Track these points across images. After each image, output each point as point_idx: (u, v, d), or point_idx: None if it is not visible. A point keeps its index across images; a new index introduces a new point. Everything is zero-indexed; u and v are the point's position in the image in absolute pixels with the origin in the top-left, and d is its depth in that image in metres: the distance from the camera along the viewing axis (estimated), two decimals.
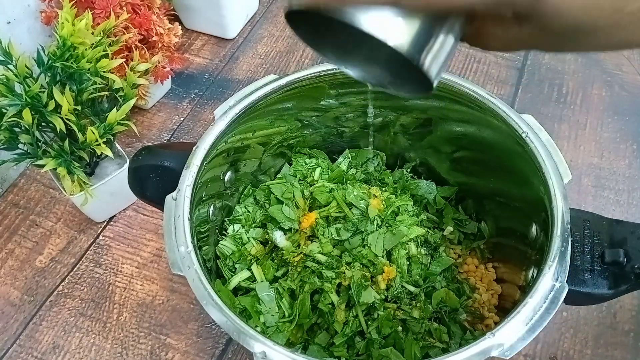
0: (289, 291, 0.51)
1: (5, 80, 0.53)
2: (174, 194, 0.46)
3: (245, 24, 0.91)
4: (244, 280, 0.53)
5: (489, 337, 0.37)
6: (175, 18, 0.83)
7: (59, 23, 0.56)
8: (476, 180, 0.58)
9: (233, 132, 0.51)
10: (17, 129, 0.56)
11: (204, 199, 0.50)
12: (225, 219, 0.57)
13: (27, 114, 0.53)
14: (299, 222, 0.53)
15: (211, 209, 0.53)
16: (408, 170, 0.62)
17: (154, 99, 0.80)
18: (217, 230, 0.55)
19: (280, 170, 0.61)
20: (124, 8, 0.66)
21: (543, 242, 0.44)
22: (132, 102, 0.60)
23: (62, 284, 0.63)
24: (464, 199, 0.61)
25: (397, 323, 0.49)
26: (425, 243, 0.55)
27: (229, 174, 0.55)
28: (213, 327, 0.60)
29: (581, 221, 0.44)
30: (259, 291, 0.51)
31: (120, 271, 0.64)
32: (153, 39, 0.70)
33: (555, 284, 0.39)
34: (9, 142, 0.56)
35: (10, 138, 0.56)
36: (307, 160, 0.60)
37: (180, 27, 0.75)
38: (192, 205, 0.45)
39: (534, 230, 0.48)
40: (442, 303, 0.51)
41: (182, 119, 0.78)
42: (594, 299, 0.42)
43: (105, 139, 0.58)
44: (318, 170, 0.59)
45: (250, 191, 0.59)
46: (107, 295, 0.62)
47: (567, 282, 0.40)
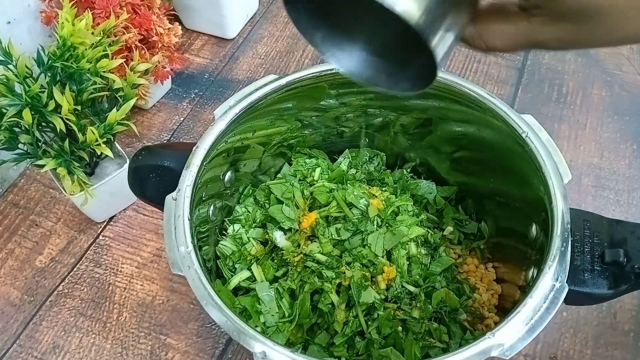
0: (289, 291, 0.51)
1: (5, 80, 0.53)
2: (174, 194, 0.46)
3: (245, 24, 0.91)
4: (244, 280, 0.53)
5: (489, 337, 0.37)
6: (175, 18, 0.83)
7: (59, 23, 0.56)
8: (476, 180, 0.58)
9: (233, 132, 0.51)
10: (17, 129, 0.56)
11: (204, 199, 0.50)
12: (225, 219, 0.57)
13: (27, 114, 0.53)
14: (299, 222, 0.53)
15: (211, 209, 0.53)
16: (408, 170, 0.62)
17: (154, 99, 0.80)
18: (217, 230, 0.55)
19: (280, 170, 0.61)
20: (124, 8, 0.66)
21: (543, 242, 0.44)
22: (132, 102, 0.60)
23: (62, 284, 0.63)
24: (464, 199, 0.61)
25: (397, 323, 0.49)
26: (425, 243, 0.55)
27: (229, 174, 0.55)
28: (213, 327, 0.60)
29: (581, 221, 0.44)
30: (259, 291, 0.51)
31: (120, 271, 0.64)
32: (153, 39, 0.70)
33: (555, 284, 0.39)
34: (9, 142, 0.56)
35: (10, 138, 0.56)
36: (307, 160, 0.60)
37: (180, 27, 0.75)
38: (192, 205, 0.45)
39: (534, 230, 0.48)
40: (442, 303, 0.51)
41: (182, 119, 0.78)
42: (594, 299, 0.42)
43: (105, 139, 0.58)
44: (318, 170, 0.59)
45: (250, 191, 0.59)
46: (107, 295, 0.62)
47: (567, 282, 0.40)
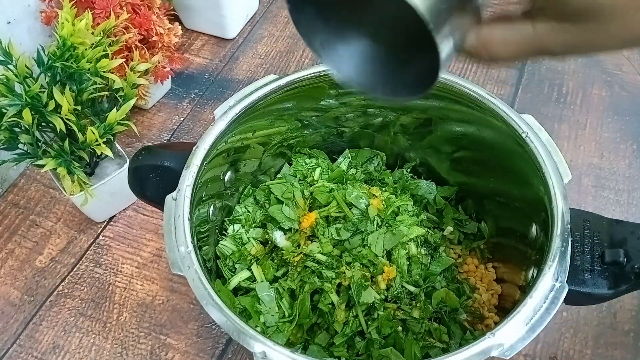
0: (289, 291, 0.51)
1: (5, 80, 0.53)
2: (174, 194, 0.46)
3: (245, 24, 0.91)
4: (244, 280, 0.53)
5: (489, 337, 0.37)
6: (175, 18, 0.83)
7: (59, 23, 0.56)
8: (476, 180, 0.58)
9: (233, 132, 0.51)
10: (17, 129, 0.56)
11: (204, 199, 0.50)
12: (225, 219, 0.57)
13: (27, 114, 0.53)
14: (299, 222, 0.53)
15: (211, 209, 0.53)
16: (408, 170, 0.62)
17: (154, 99, 0.79)
18: (217, 230, 0.55)
19: (280, 170, 0.61)
20: (124, 8, 0.66)
21: (543, 242, 0.44)
22: (132, 102, 0.60)
23: (62, 284, 0.63)
24: (464, 199, 0.61)
25: (397, 323, 0.49)
26: (425, 243, 0.55)
27: (229, 174, 0.55)
28: (213, 327, 0.60)
29: (581, 221, 0.44)
30: (259, 291, 0.51)
31: (120, 271, 0.64)
32: (153, 39, 0.70)
33: (555, 284, 0.39)
34: (9, 142, 0.56)
35: (10, 138, 0.56)
36: (307, 160, 0.60)
37: (180, 27, 0.75)
38: (192, 205, 0.45)
39: (534, 230, 0.48)
40: (442, 303, 0.51)
41: (182, 119, 0.78)
42: (594, 299, 0.42)
43: (105, 139, 0.58)
44: (318, 170, 0.59)
45: (250, 191, 0.59)
46: (107, 295, 0.62)
47: (567, 282, 0.40)
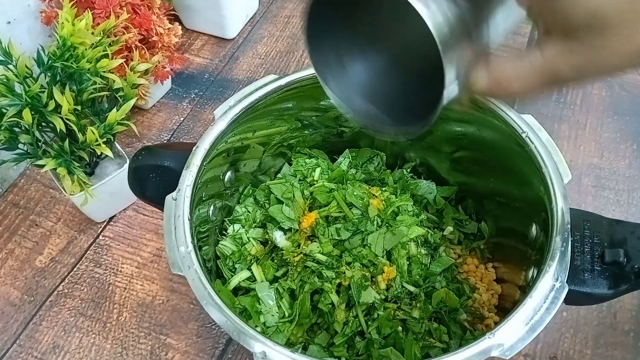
0: (289, 291, 0.51)
1: (5, 80, 0.53)
2: (174, 194, 0.46)
3: (245, 24, 0.91)
4: (244, 280, 0.53)
5: (489, 337, 0.37)
6: (175, 18, 0.83)
7: (59, 23, 0.56)
8: (476, 180, 0.58)
9: (233, 132, 0.51)
10: (17, 129, 0.56)
11: (204, 199, 0.50)
12: (225, 219, 0.57)
13: (27, 114, 0.53)
14: (299, 222, 0.53)
15: (211, 209, 0.53)
16: (408, 170, 0.62)
17: (154, 99, 0.80)
18: (217, 230, 0.55)
19: (280, 170, 0.61)
20: (124, 8, 0.66)
21: (543, 242, 0.44)
22: (132, 102, 0.60)
23: (62, 284, 0.63)
24: (464, 199, 0.61)
25: (397, 323, 0.49)
26: (425, 243, 0.55)
27: (229, 174, 0.55)
28: (213, 327, 0.60)
29: (581, 221, 0.44)
30: (259, 291, 0.51)
31: (120, 271, 0.64)
32: (153, 39, 0.70)
33: (555, 284, 0.39)
34: (9, 142, 0.56)
35: (10, 138, 0.56)
36: (307, 160, 0.60)
37: (180, 27, 0.75)
38: (192, 205, 0.45)
39: (534, 230, 0.48)
40: (442, 303, 0.51)
41: (182, 119, 0.78)
42: (594, 299, 0.42)
43: (105, 139, 0.58)
44: (318, 170, 0.59)
45: (250, 191, 0.59)
46: (107, 295, 0.62)
47: (567, 282, 0.40)
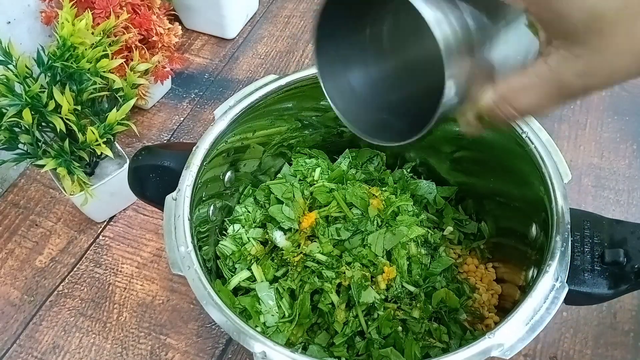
0: (289, 291, 0.51)
1: (5, 80, 0.53)
2: (174, 194, 0.46)
3: (245, 24, 0.91)
4: (244, 280, 0.53)
5: (489, 337, 0.37)
6: (175, 18, 0.83)
7: (59, 23, 0.56)
8: (476, 180, 0.58)
9: (233, 132, 0.51)
10: (17, 129, 0.56)
11: (204, 199, 0.50)
12: (225, 219, 0.57)
13: (27, 114, 0.53)
14: (299, 222, 0.53)
15: (211, 209, 0.53)
16: (408, 170, 0.62)
17: (154, 99, 0.79)
18: (217, 230, 0.55)
19: (280, 170, 0.61)
20: (124, 8, 0.66)
21: (543, 242, 0.44)
22: (132, 102, 0.60)
23: (62, 284, 0.63)
24: (464, 199, 0.61)
25: (397, 323, 0.49)
26: (425, 243, 0.55)
27: (229, 174, 0.55)
28: (213, 327, 0.60)
29: (581, 221, 0.44)
30: (259, 291, 0.51)
31: (120, 271, 0.64)
32: (153, 39, 0.70)
33: (555, 284, 0.39)
34: (9, 142, 0.56)
35: (10, 138, 0.56)
36: (307, 160, 0.60)
37: (180, 27, 0.75)
38: (192, 205, 0.45)
39: (534, 230, 0.48)
40: (442, 303, 0.51)
41: (182, 119, 0.78)
42: (594, 299, 0.42)
43: (105, 139, 0.58)
44: (318, 170, 0.59)
45: (250, 191, 0.59)
46: (107, 295, 0.62)
47: (567, 282, 0.40)
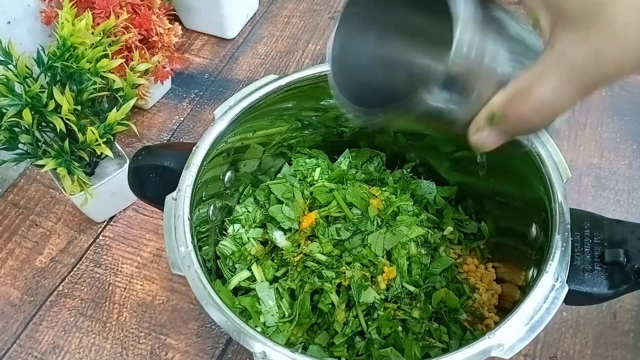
0: (289, 291, 0.51)
1: (5, 80, 0.53)
2: (174, 194, 0.46)
3: (245, 24, 0.91)
4: (244, 280, 0.53)
5: (489, 337, 0.37)
6: (175, 18, 0.83)
7: (59, 23, 0.56)
8: (476, 180, 0.58)
9: (233, 132, 0.51)
10: (17, 129, 0.56)
11: (204, 199, 0.50)
12: (225, 219, 0.57)
13: (27, 114, 0.53)
14: (299, 222, 0.53)
15: (211, 209, 0.53)
16: (408, 170, 0.62)
17: (154, 99, 0.80)
18: (217, 230, 0.55)
19: (280, 170, 0.61)
20: (124, 8, 0.66)
21: (543, 242, 0.44)
22: (132, 102, 0.60)
23: (62, 284, 0.63)
24: (464, 199, 0.61)
25: (397, 323, 0.49)
26: (425, 243, 0.55)
27: (229, 174, 0.55)
28: (213, 327, 0.60)
29: (581, 221, 0.44)
30: (259, 291, 0.51)
31: (120, 271, 0.64)
32: (153, 39, 0.70)
33: (555, 284, 0.39)
34: (9, 142, 0.56)
35: (10, 138, 0.56)
36: (307, 160, 0.60)
37: (180, 27, 0.75)
38: (192, 205, 0.45)
39: (534, 230, 0.48)
40: (442, 303, 0.51)
41: (182, 119, 0.78)
42: (594, 299, 0.42)
43: (105, 139, 0.58)
44: (318, 170, 0.59)
45: (250, 191, 0.59)
46: (107, 295, 0.62)
47: (567, 282, 0.40)
